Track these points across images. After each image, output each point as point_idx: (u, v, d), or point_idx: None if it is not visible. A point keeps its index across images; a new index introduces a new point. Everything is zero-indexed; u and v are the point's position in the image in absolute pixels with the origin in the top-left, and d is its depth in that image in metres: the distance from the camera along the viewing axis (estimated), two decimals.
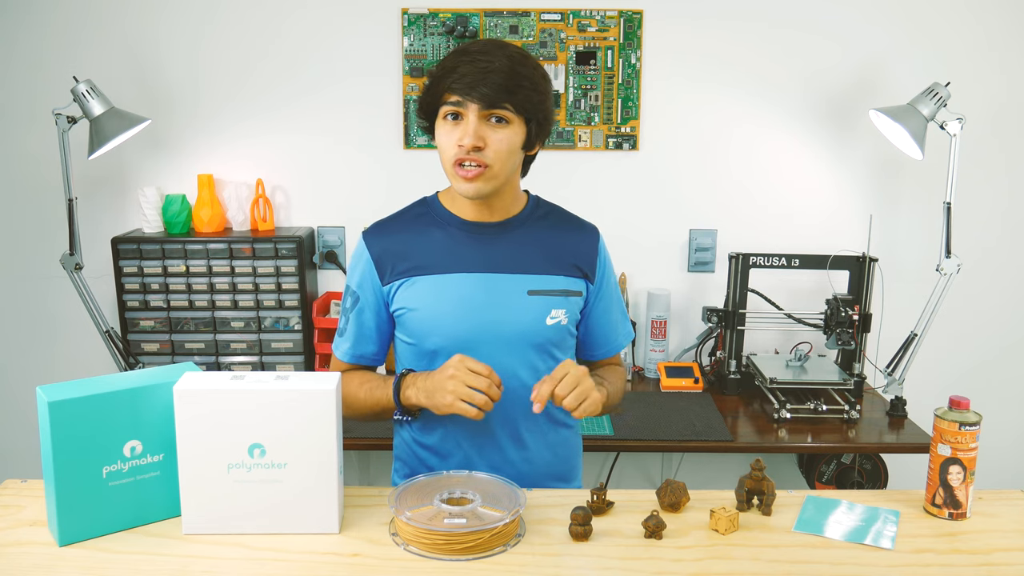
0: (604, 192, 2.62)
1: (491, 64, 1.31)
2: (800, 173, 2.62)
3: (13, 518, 1.26)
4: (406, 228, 1.47)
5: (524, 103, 1.34)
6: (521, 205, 1.49)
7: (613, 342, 1.58)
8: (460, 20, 2.52)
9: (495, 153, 1.34)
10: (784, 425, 2.23)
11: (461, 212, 1.45)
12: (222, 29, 2.53)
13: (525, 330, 1.42)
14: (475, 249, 1.43)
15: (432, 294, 1.42)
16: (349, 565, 1.15)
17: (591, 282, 1.50)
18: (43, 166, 2.57)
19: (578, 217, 1.55)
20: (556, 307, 1.44)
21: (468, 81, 1.30)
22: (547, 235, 1.47)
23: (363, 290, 1.47)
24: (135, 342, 2.49)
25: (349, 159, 2.62)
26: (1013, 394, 2.75)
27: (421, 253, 1.44)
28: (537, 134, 1.40)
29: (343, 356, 1.52)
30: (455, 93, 1.32)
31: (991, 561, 1.17)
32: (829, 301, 2.37)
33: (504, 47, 1.35)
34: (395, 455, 1.58)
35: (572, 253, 1.48)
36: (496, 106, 1.32)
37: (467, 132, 1.32)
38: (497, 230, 1.45)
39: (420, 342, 1.44)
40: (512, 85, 1.32)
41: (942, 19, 2.51)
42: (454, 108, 1.34)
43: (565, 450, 1.54)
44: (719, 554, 1.19)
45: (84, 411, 1.16)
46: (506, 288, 1.42)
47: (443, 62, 1.36)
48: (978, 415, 1.28)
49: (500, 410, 1.43)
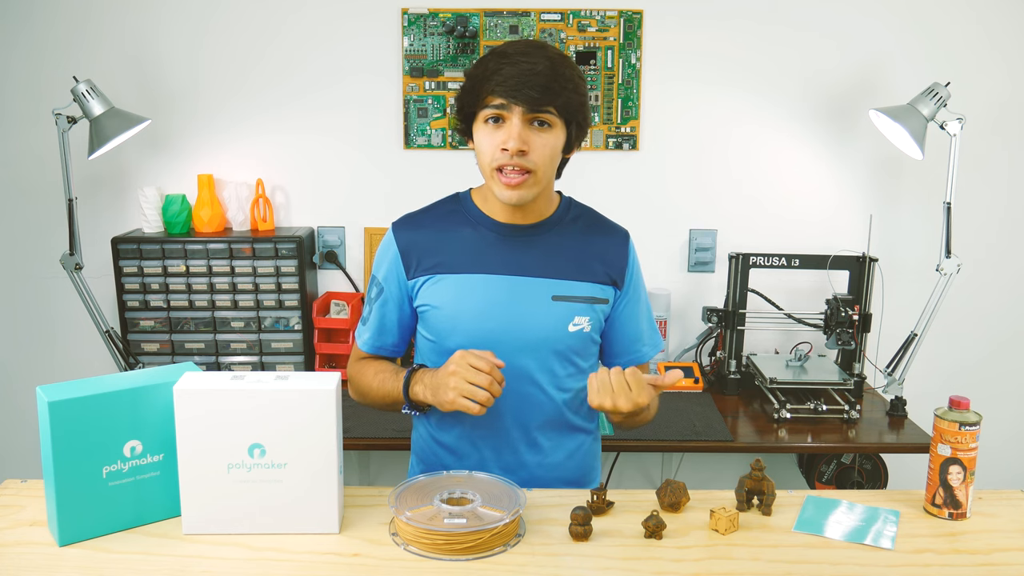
0: (604, 192, 2.62)
1: (534, 66, 1.29)
2: (800, 173, 2.62)
3: (13, 518, 1.26)
4: (436, 224, 1.46)
5: (567, 105, 1.33)
6: (553, 207, 1.47)
7: (636, 352, 1.52)
8: (460, 20, 2.51)
9: (539, 157, 1.33)
10: (784, 425, 2.23)
11: (493, 213, 1.44)
12: (222, 29, 2.53)
13: (547, 335, 1.41)
14: (504, 251, 1.42)
15: (456, 293, 1.41)
16: (349, 565, 1.15)
17: (619, 288, 1.47)
18: (43, 166, 2.57)
19: (609, 221, 1.52)
20: (580, 314, 1.42)
21: (513, 84, 1.28)
22: (577, 240, 1.46)
23: (388, 282, 1.46)
24: (135, 342, 2.49)
25: (349, 159, 2.62)
26: (1013, 394, 2.75)
27: (449, 251, 1.43)
28: (577, 136, 1.39)
29: (363, 345, 1.52)
30: (498, 96, 1.30)
31: (991, 561, 1.17)
32: (829, 301, 2.37)
33: (544, 48, 1.33)
34: (413, 450, 1.59)
35: (601, 259, 1.46)
36: (540, 109, 1.30)
37: (512, 135, 1.30)
38: (528, 233, 1.44)
39: (441, 340, 1.43)
40: (557, 87, 1.30)
41: (942, 19, 2.51)
42: (496, 111, 1.31)
43: (582, 455, 1.52)
44: (719, 554, 1.19)
45: (84, 411, 1.16)
46: (530, 292, 1.41)
47: (482, 64, 1.33)
48: (978, 415, 1.28)
49: (517, 414, 1.43)
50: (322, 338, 2.53)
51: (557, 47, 1.73)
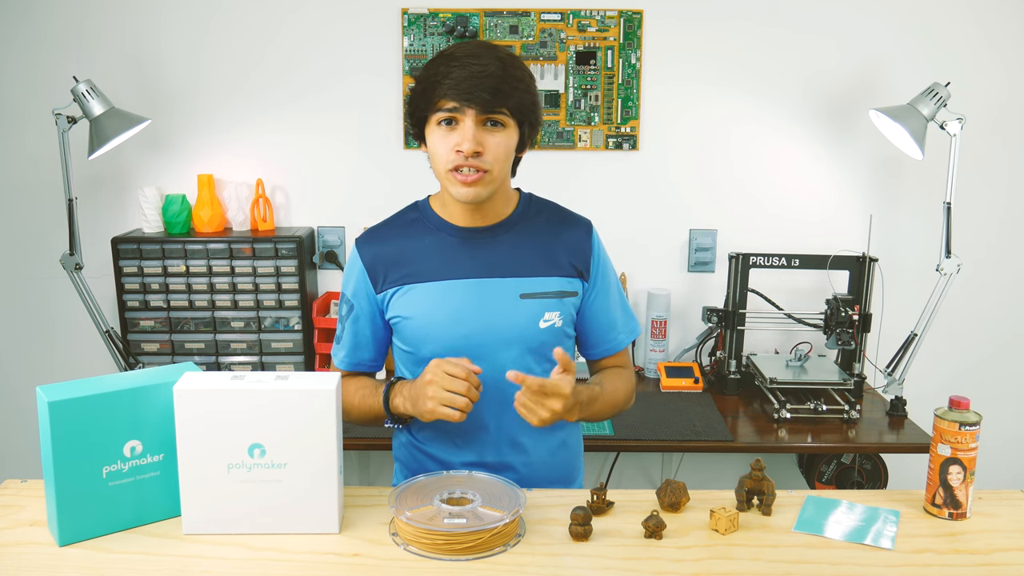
0: (604, 192, 2.62)
1: (485, 68, 1.29)
2: (800, 173, 2.62)
3: (13, 518, 1.26)
4: (398, 235, 1.46)
5: (519, 106, 1.34)
6: (513, 206, 1.47)
7: (612, 340, 1.53)
8: (460, 20, 2.51)
9: (493, 158, 1.33)
10: (784, 425, 2.23)
11: (452, 218, 1.44)
12: (222, 29, 2.53)
13: (519, 334, 1.42)
14: (467, 255, 1.43)
15: (426, 302, 1.41)
16: (349, 565, 1.15)
17: (586, 280, 1.48)
18: (43, 166, 2.57)
19: (571, 212, 1.53)
20: (549, 310, 1.43)
21: (465, 87, 1.29)
22: (540, 235, 1.46)
23: (357, 298, 1.47)
24: (135, 342, 2.49)
25: (349, 159, 2.62)
26: (1013, 394, 2.75)
27: (414, 260, 1.43)
28: (529, 135, 1.40)
29: (340, 364, 1.52)
30: (451, 99, 1.30)
31: (991, 561, 1.17)
32: (829, 301, 2.37)
33: (493, 49, 1.34)
34: (395, 457, 1.58)
35: (566, 251, 1.46)
36: (493, 110, 1.31)
37: (466, 137, 1.31)
38: (489, 234, 1.44)
39: (416, 349, 1.44)
40: (508, 88, 1.31)
41: (942, 19, 2.51)
42: (449, 114, 1.32)
43: (565, 453, 1.53)
44: (719, 554, 1.19)
45: (84, 411, 1.16)
46: (498, 293, 1.41)
47: (432, 68, 1.34)
48: (978, 415, 1.28)
49: (498, 415, 1.43)
50: (322, 338, 2.53)
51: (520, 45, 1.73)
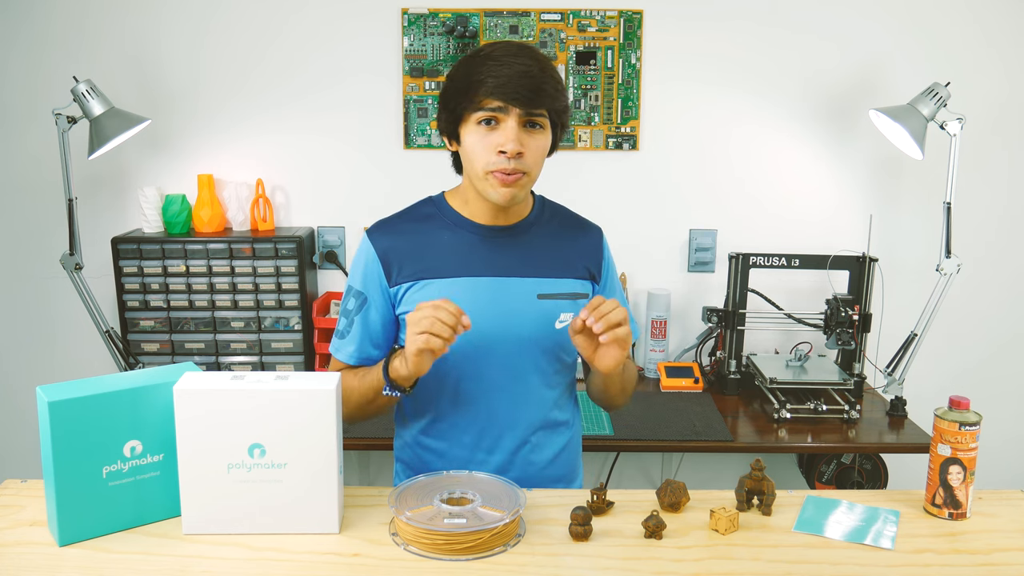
0: (604, 192, 2.62)
1: (528, 69, 1.29)
2: (800, 173, 2.62)
3: (13, 518, 1.26)
4: (414, 228, 1.45)
5: (557, 107, 1.34)
6: (529, 207, 1.48)
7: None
8: (460, 20, 2.51)
9: (533, 160, 1.34)
10: (784, 425, 2.23)
11: (473, 215, 1.43)
12: (222, 29, 2.53)
13: (535, 334, 1.41)
14: (486, 253, 1.42)
15: (442, 298, 1.40)
16: (349, 565, 1.15)
17: (597, 283, 1.50)
18: (43, 166, 2.57)
19: (582, 217, 1.55)
20: (565, 310, 1.43)
21: (511, 86, 1.28)
22: (555, 237, 1.47)
23: (369, 290, 1.44)
24: (135, 342, 2.49)
25: (349, 159, 2.62)
26: (1013, 394, 2.75)
27: (431, 256, 1.42)
28: (559, 138, 1.41)
29: (347, 359, 1.47)
30: (496, 98, 1.29)
31: (991, 561, 1.17)
32: (829, 301, 2.37)
33: (530, 49, 1.33)
34: (396, 456, 1.58)
35: (579, 255, 1.48)
36: (534, 112, 1.31)
37: (509, 138, 1.30)
38: (509, 234, 1.44)
39: None
40: (550, 89, 1.32)
41: (942, 19, 2.51)
42: (491, 113, 1.31)
43: (566, 453, 1.54)
44: (719, 554, 1.18)
45: (84, 411, 1.16)
46: (516, 292, 1.41)
47: (471, 66, 1.32)
48: (978, 415, 1.28)
49: (510, 414, 1.43)
50: (322, 338, 2.53)
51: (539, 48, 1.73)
